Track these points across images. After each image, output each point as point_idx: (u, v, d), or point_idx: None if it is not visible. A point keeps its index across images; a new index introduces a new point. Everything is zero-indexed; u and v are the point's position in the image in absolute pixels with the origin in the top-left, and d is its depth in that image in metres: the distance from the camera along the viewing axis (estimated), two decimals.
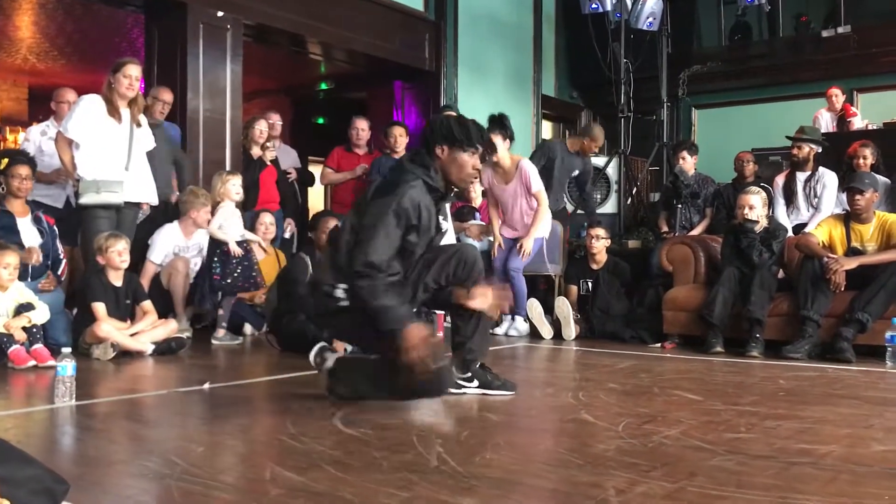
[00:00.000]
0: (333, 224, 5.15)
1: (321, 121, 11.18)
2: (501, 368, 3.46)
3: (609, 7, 7.88)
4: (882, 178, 5.75)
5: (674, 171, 6.65)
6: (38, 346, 4.07)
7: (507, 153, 5.64)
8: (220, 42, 6.45)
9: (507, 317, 5.74)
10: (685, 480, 1.99)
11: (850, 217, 4.88)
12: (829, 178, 5.79)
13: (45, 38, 8.67)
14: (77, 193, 4.85)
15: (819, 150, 5.86)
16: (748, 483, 1.97)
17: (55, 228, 4.84)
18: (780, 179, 6.02)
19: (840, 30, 8.71)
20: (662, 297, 5.34)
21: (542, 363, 4.78)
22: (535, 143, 9.27)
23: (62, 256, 4.86)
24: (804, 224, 5.68)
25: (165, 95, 5.90)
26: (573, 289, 5.90)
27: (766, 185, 5.96)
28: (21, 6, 7.64)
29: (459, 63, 8.51)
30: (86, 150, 4.80)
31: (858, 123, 7.66)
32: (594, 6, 7.96)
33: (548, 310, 5.72)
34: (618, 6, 7.88)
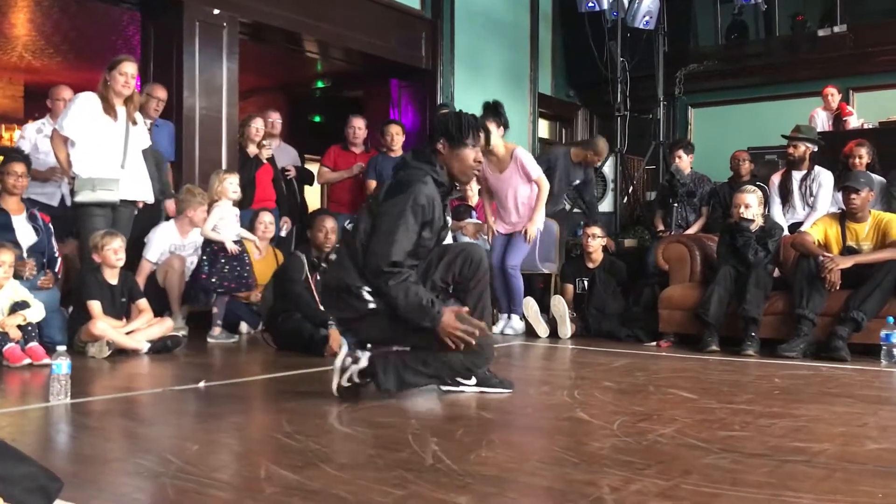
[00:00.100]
0: (330, 223, 5.16)
1: (318, 119, 11.18)
2: (498, 367, 3.47)
3: (606, 6, 7.88)
4: (877, 178, 5.76)
5: (670, 170, 6.66)
6: (34, 345, 4.07)
7: (502, 141, 5.60)
8: (217, 40, 6.43)
9: (504, 315, 5.75)
10: (679, 478, 1.99)
11: (846, 216, 4.89)
12: (825, 177, 5.80)
13: (41, 36, 8.65)
14: (72, 191, 4.84)
15: (815, 149, 5.87)
16: (742, 481, 1.97)
17: (50, 226, 4.83)
18: (776, 178, 6.03)
19: (836, 29, 8.72)
20: (658, 296, 5.35)
21: (538, 361, 4.78)
22: (532, 142, 9.28)
23: (58, 254, 4.86)
24: (800, 223, 5.70)
25: (159, 92, 5.88)
26: (569, 287, 5.91)
27: (762, 184, 5.97)
28: (17, 3, 7.62)
29: (456, 61, 8.50)
30: (81, 148, 4.79)
31: (854, 122, 7.66)
32: (591, 5, 7.96)
33: (544, 308, 5.73)
34: (614, 5, 7.88)
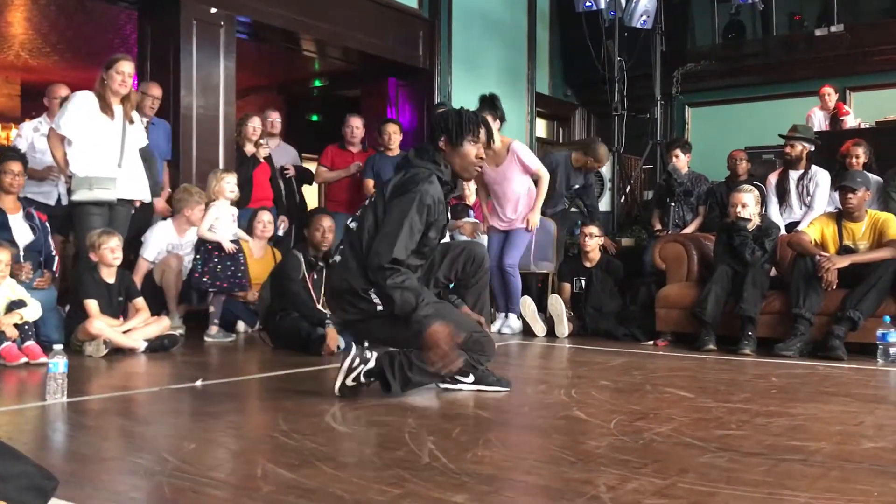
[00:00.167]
0: (328, 222, 5.15)
1: (315, 118, 11.17)
2: (495, 365, 3.46)
3: (603, 5, 7.89)
4: (874, 177, 5.77)
5: (667, 170, 6.66)
6: (30, 343, 4.07)
7: (499, 135, 5.54)
8: (214, 39, 6.43)
9: (501, 314, 5.75)
10: (676, 477, 1.99)
11: (843, 215, 4.90)
12: (822, 177, 5.80)
13: (38, 35, 8.64)
14: (69, 190, 4.83)
15: (812, 149, 5.88)
16: (738, 479, 1.98)
17: (47, 225, 4.83)
18: (773, 178, 6.04)
19: (833, 28, 8.72)
20: (655, 295, 5.36)
21: (535, 360, 4.78)
22: (530, 142, 9.28)
23: (55, 253, 4.85)
24: (797, 222, 5.70)
25: (154, 90, 5.88)
26: (566, 286, 5.91)
27: (759, 184, 5.97)
28: (14, 2, 7.61)
29: (453, 61, 8.50)
30: (78, 147, 4.78)
31: (851, 122, 7.67)
32: (588, 4, 7.97)
33: (541, 307, 5.73)
34: (612, 4, 7.89)
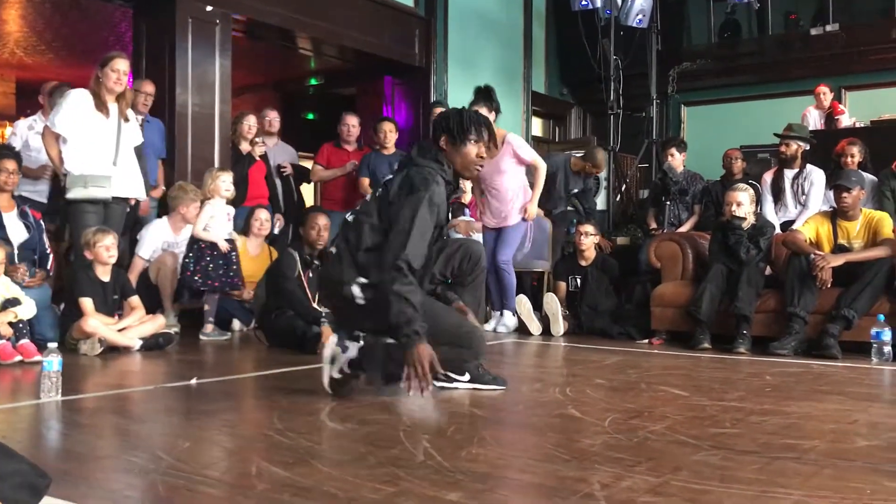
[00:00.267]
0: (323, 220, 5.15)
1: (311, 116, 11.16)
2: (491, 364, 3.47)
3: (599, 4, 7.89)
4: (869, 176, 5.78)
5: (663, 168, 6.67)
6: (25, 342, 4.06)
7: (493, 126, 5.56)
8: (209, 37, 6.41)
9: (496, 312, 5.75)
10: (669, 475, 2.00)
11: (837, 214, 4.91)
12: (817, 176, 5.82)
13: (33, 33, 8.61)
14: (64, 188, 4.82)
15: (807, 148, 5.89)
16: (732, 477, 1.98)
17: (42, 223, 4.82)
18: (768, 176, 6.05)
19: (828, 28, 8.74)
20: (650, 294, 5.36)
21: (531, 359, 4.79)
22: (526, 140, 9.26)
23: (49, 251, 4.84)
24: (792, 221, 5.72)
25: (147, 87, 5.86)
26: (562, 285, 5.91)
27: (755, 182, 5.99)
28: (8, 0, 7.59)
29: (449, 59, 8.49)
30: (73, 145, 4.77)
31: (846, 121, 7.69)
32: (584, 3, 7.97)
33: (537, 306, 5.73)
34: (608, 3, 7.89)
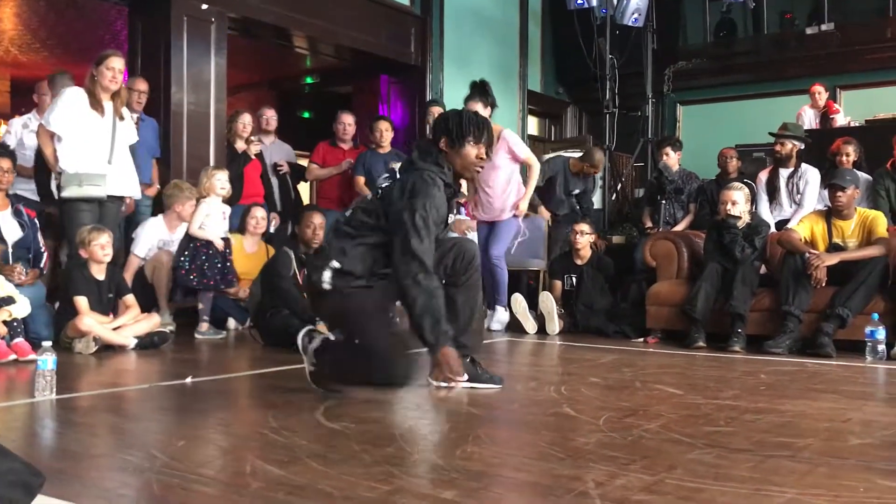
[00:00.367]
0: (318, 219, 5.15)
1: (307, 115, 11.15)
2: (486, 362, 3.47)
3: (595, 3, 7.90)
4: (864, 175, 5.79)
5: (658, 167, 6.68)
6: (19, 340, 4.05)
7: (492, 127, 5.52)
8: (205, 35, 6.41)
9: (489, 310, 5.72)
10: (664, 473, 2.00)
11: (832, 213, 4.92)
12: (812, 175, 5.82)
13: (28, 31, 8.60)
14: (59, 186, 4.81)
15: (802, 147, 5.90)
16: (726, 476, 1.99)
17: (36, 222, 4.81)
18: (764, 176, 6.05)
19: (824, 27, 8.77)
20: (646, 293, 5.37)
21: (526, 357, 4.79)
22: (522, 139, 9.26)
23: (43, 250, 4.83)
24: (787, 220, 5.72)
25: (140, 85, 5.85)
26: (557, 284, 5.92)
27: (750, 182, 5.99)
28: None
29: (445, 58, 8.50)
30: (68, 143, 4.77)
31: (841, 120, 7.72)
32: (580, 2, 7.98)
33: (532, 305, 5.73)
34: (603, 2, 7.90)
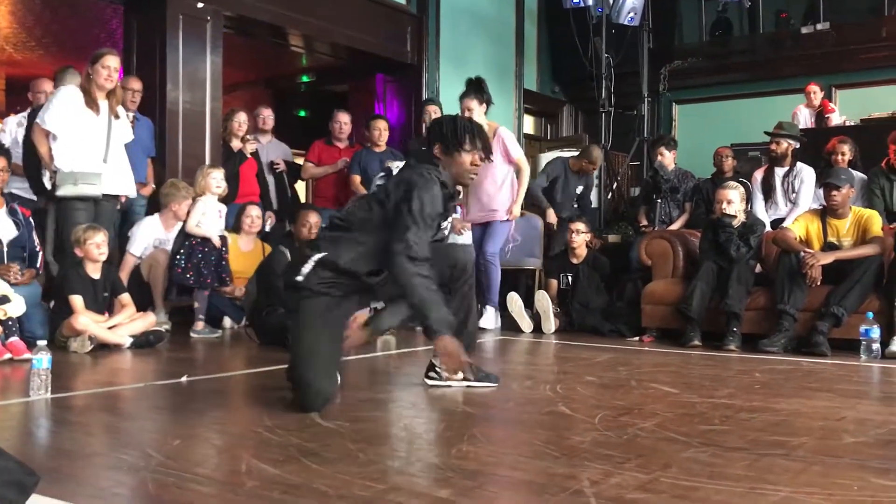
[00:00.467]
0: (314, 217, 5.15)
1: (303, 113, 11.14)
2: (482, 361, 3.48)
3: (590, 2, 7.91)
4: (858, 174, 5.80)
5: (654, 166, 6.69)
6: (14, 339, 4.04)
7: (484, 118, 5.45)
8: (200, 33, 6.40)
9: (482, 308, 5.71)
10: (659, 472, 2.01)
11: (827, 212, 4.93)
12: (807, 174, 5.84)
13: (23, 29, 8.57)
14: (55, 185, 4.80)
15: (797, 146, 5.91)
16: (720, 474, 1.99)
17: (31, 221, 4.80)
18: (759, 174, 6.07)
19: (819, 26, 8.78)
20: (641, 291, 5.38)
21: (522, 356, 4.79)
22: (518, 138, 9.27)
23: (38, 249, 4.82)
24: (782, 219, 5.74)
25: (134, 84, 5.84)
26: (553, 283, 5.93)
27: (745, 181, 6.01)
28: None
29: (441, 56, 8.50)
30: (63, 142, 4.76)
31: (836, 120, 7.72)
32: (576, 1, 7.99)
33: (528, 303, 5.74)
34: (599, 1, 7.90)
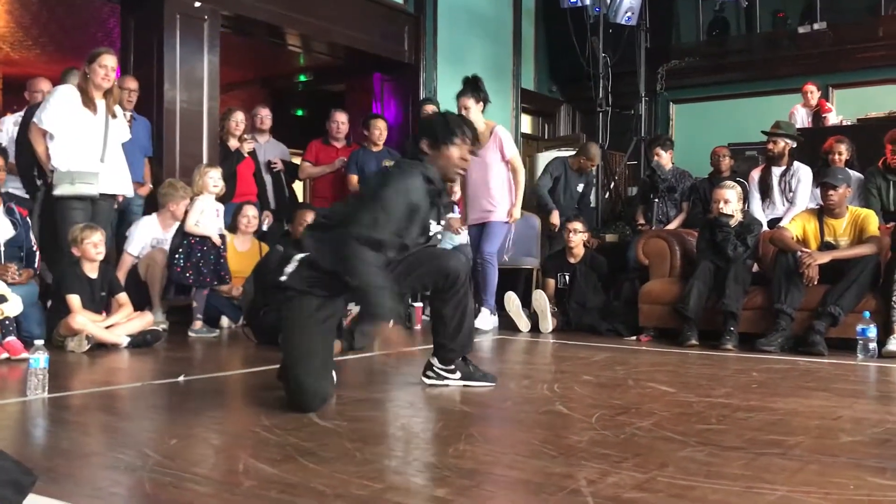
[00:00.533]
0: (311, 217, 5.15)
1: (300, 113, 11.14)
2: (480, 361, 3.48)
3: (588, 1, 7.91)
4: (855, 174, 5.81)
5: (651, 166, 6.69)
6: (11, 339, 4.04)
7: (481, 117, 5.42)
8: (198, 33, 6.39)
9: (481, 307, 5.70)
10: (656, 471, 2.01)
11: (824, 212, 4.93)
12: (804, 173, 5.84)
13: (20, 28, 8.56)
14: (51, 184, 4.80)
15: (794, 146, 5.92)
16: (717, 473, 1.99)
17: (28, 220, 4.79)
18: (756, 174, 6.07)
19: (816, 26, 8.78)
20: (638, 291, 5.38)
21: (519, 356, 4.80)
22: (515, 137, 9.27)
23: (35, 249, 4.81)
24: (779, 218, 5.74)
25: (130, 83, 5.83)
26: (551, 282, 5.93)
27: (742, 180, 6.02)
28: None
29: (439, 56, 8.49)
30: (60, 142, 4.75)
31: (833, 119, 7.74)
32: (573, 0, 7.98)
33: (525, 303, 5.74)
34: (597, 1, 7.91)
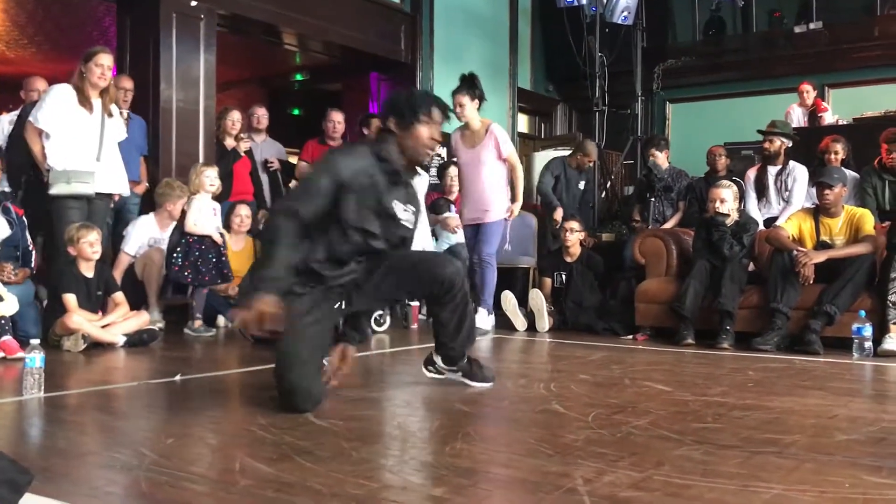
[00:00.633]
0: None
1: (296, 112, 11.13)
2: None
3: (584, 1, 7.91)
4: (851, 173, 5.82)
5: (647, 165, 6.70)
6: (7, 338, 4.04)
7: (477, 114, 5.39)
8: (194, 32, 6.38)
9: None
10: (652, 469, 2.01)
11: (820, 211, 4.94)
12: (800, 172, 5.85)
13: (15, 27, 8.54)
14: (48, 184, 4.79)
15: (790, 145, 5.93)
16: (713, 472, 2.00)
17: (24, 219, 4.78)
18: (752, 173, 6.08)
19: (812, 26, 8.80)
20: (635, 290, 5.39)
21: (516, 355, 4.80)
22: (512, 137, 9.28)
23: (31, 248, 4.80)
24: (775, 217, 5.75)
25: (125, 83, 5.82)
26: (547, 281, 5.94)
27: (738, 179, 6.02)
28: None
29: (435, 55, 8.50)
30: (56, 141, 4.74)
31: (829, 119, 7.75)
32: (569, 0, 7.99)
33: (522, 302, 5.75)
34: (593, 0, 7.91)
